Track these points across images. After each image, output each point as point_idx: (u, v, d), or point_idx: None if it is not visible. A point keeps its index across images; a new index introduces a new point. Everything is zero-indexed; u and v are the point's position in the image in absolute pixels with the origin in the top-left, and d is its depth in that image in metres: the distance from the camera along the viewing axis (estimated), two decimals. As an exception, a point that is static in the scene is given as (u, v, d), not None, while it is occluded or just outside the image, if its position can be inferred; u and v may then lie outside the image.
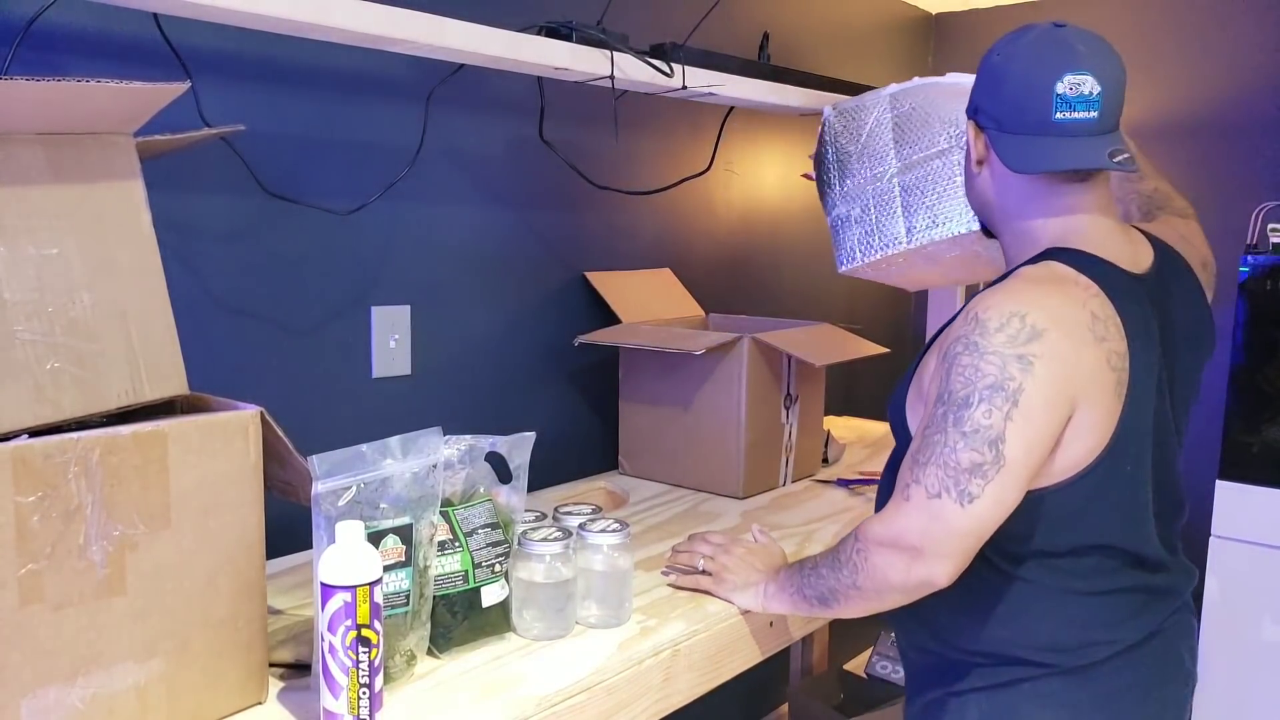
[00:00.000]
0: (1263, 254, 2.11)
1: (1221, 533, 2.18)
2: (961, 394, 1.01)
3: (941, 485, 1.00)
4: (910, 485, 1.03)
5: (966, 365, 1.02)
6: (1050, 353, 1.01)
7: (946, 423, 1.02)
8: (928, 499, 1.01)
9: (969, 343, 1.03)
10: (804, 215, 2.61)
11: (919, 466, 1.03)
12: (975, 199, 1.22)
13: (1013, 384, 1.00)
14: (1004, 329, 1.02)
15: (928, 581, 1.03)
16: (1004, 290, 1.06)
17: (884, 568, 1.05)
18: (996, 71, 1.14)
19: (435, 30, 1.36)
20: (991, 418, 1.00)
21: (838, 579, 1.11)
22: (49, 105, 0.85)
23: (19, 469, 0.80)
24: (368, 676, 0.92)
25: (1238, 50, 2.49)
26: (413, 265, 1.67)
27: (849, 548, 1.10)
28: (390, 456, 1.04)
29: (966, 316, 1.06)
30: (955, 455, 1.00)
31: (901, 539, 1.03)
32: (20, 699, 0.82)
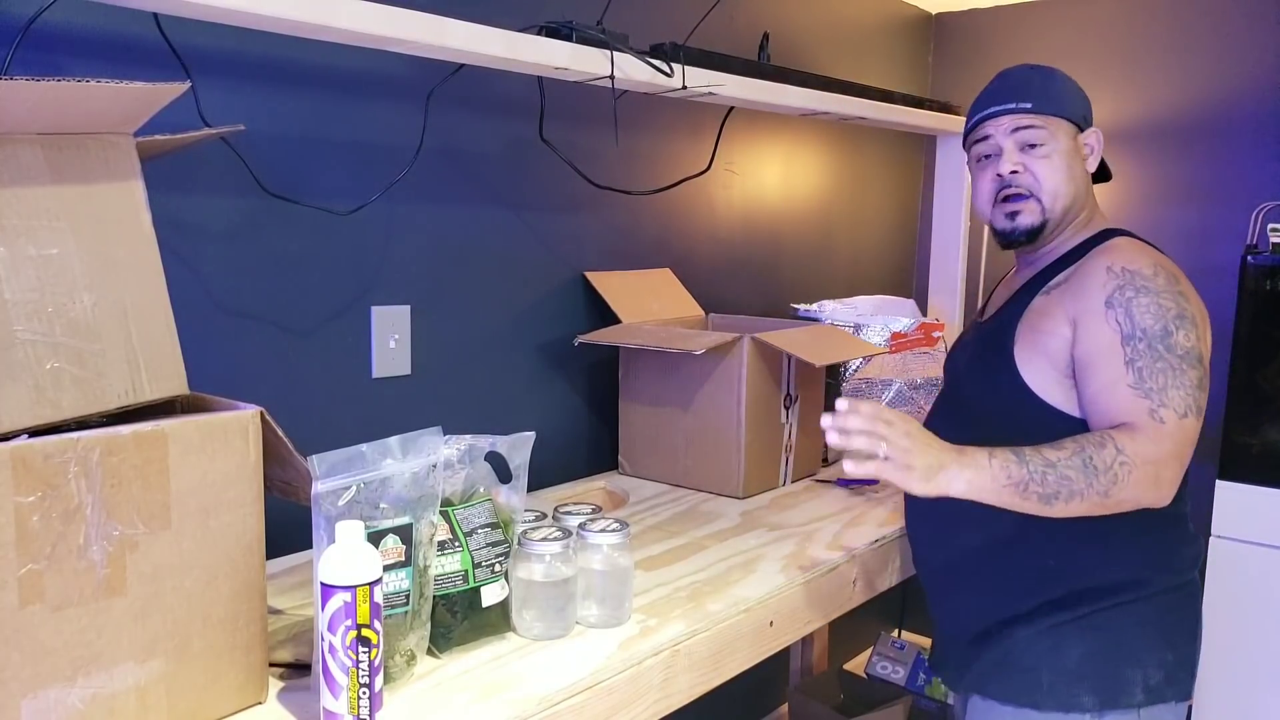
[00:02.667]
0: (1263, 254, 2.11)
1: (1221, 533, 2.18)
2: (1158, 326, 1.19)
3: (1186, 405, 1.17)
4: (1158, 409, 1.17)
5: (1148, 304, 1.21)
6: (1188, 292, 1.24)
7: (1159, 351, 1.19)
8: (1179, 420, 1.17)
9: (1138, 287, 1.22)
10: (804, 215, 2.61)
11: (1156, 392, 1.18)
12: (1079, 190, 1.37)
13: (1190, 312, 1.21)
14: (1158, 275, 1.23)
15: (1162, 500, 1.19)
16: (1128, 250, 1.28)
17: (1144, 483, 1.16)
18: (1084, 94, 1.39)
19: (435, 30, 1.36)
20: (1191, 340, 1.20)
21: (1089, 483, 1.15)
22: (49, 105, 0.85)
23: (19, 469, 0.80)
24: (368, 676, 0.92)
25: (1237, 50, 2.49)
26: (413, 265, 1.67)
27: (1109, 456, 1.15)
28: (390, 456, 1.04)
29: (1112, 271, 1.24)
30: (1185, 376, 1.18)
31: (1166, 459, 1.16)
32: (20, 699, 0.82)
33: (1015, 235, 1.38)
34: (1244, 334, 2.12)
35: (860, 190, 2.83)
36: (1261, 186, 2.47)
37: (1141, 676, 1.26)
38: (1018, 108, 1.34)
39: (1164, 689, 1.28)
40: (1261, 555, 2.14)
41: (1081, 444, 1.17)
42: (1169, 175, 2.62)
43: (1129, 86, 2.67)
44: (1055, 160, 1.34)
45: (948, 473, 1.15)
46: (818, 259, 2.68)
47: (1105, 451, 1.16)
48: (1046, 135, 1.34)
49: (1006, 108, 1.35)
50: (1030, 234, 1.37)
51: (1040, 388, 1.28)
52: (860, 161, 2.81)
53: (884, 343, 2.15)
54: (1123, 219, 2.69)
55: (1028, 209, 1.35)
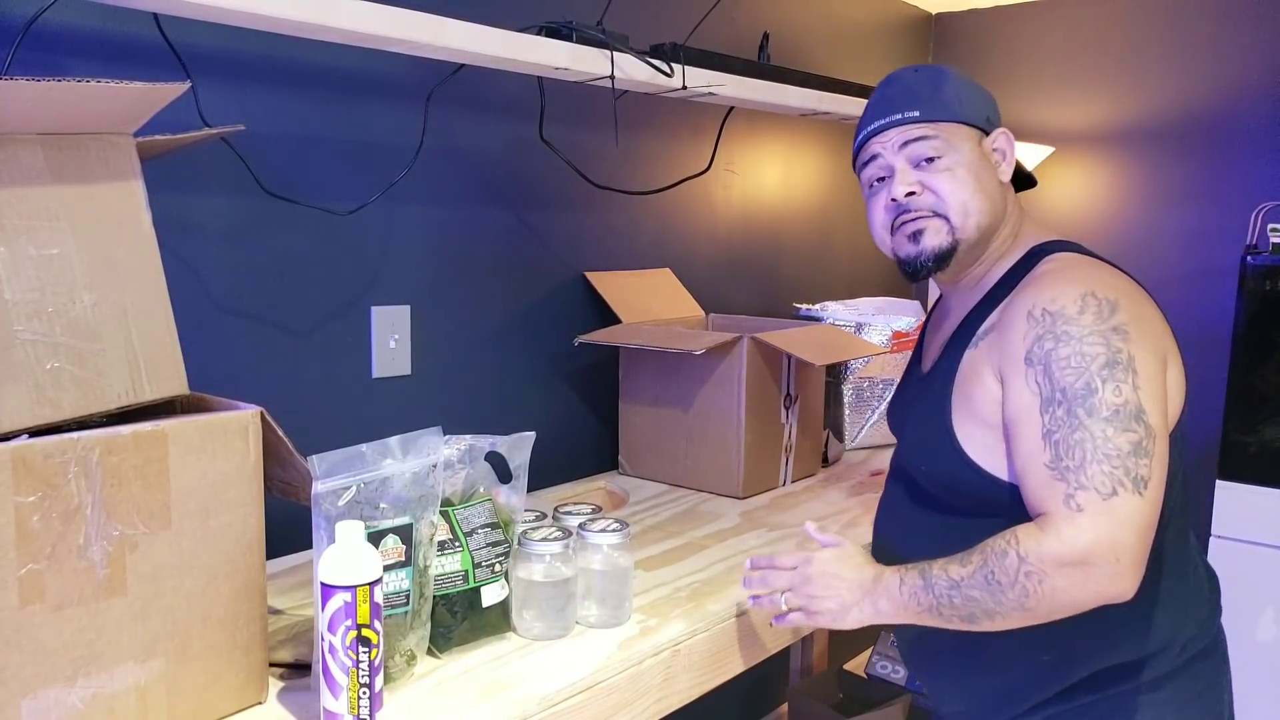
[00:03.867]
0: (1262, 254, 2.11)
1: (1221, 533, 2.18)
2: (1079, 384, 0.98)
3: (1114, 481, 0.95)
4: (1074, 494, 0.96)
5: (1068, 355, 1.00)
6: (1132, 317, 1.02)
7: (1078, 417, 0.98)
8: (1104, 501, 0.95)
9: (1057, 335, 1.01)
10: (804, 215, 2.61)
11: (1072, 472, 0.97)
12: (995, 204, 1.16)
13: (1123, 355, 0.99)
14: (1085, 310, 1.01)
15: (1118, 596, 0.96)
16: (1054, 279, 1.06)
17: (1067, 589, 0.96)
18: (986, 91, 1.19)
19: (435, 30, 1.36)
20: (1122, 394, 0.98)
21: (998, 601, 0.99)
22: (49, 105, 0.85)
23: (19, 469, 0.80)
24: (368, 676, 0.92)
25: (1237, 50, 2.49)
26: (413, 265, 1.67)
27: (1013, 568, 0.98)
28: (390, 456, 1.04)
29: (1032, 316, 1.04)
30: (1111, 444, 0.96)
31: (1091, 555, 0.94)
32: (20, 699, 0.82)
33: (922, 260, 1.15)
34: (1243, 334, 2.12)
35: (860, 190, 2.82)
36: (1261, 186, 2.47)
37: None
38: (905, 118, 1.14)
39: None
40: (1261, 555, 2.14)
41: (985, 555, 1.01)
42: (1169, 175, 2.62)
43: (1129, 86, 2.67)
44: (959, 173, 1.12)
45: (858, 609, 1.11)
46: (818, 259, 2.68)
47: (1007, 562, 0.98)
48: (943, 145, 1.13)
49: (892, 120, 1.15)
50: (939, 258, 1.14)
51: (985, 460, 1.08)
52: (860, 161, 2.80)
53: (885, 342, 2.15)
54: (1123, 219, 2.69)
55: (933, 227, 1.13)
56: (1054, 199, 2.80)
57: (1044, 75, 2.81)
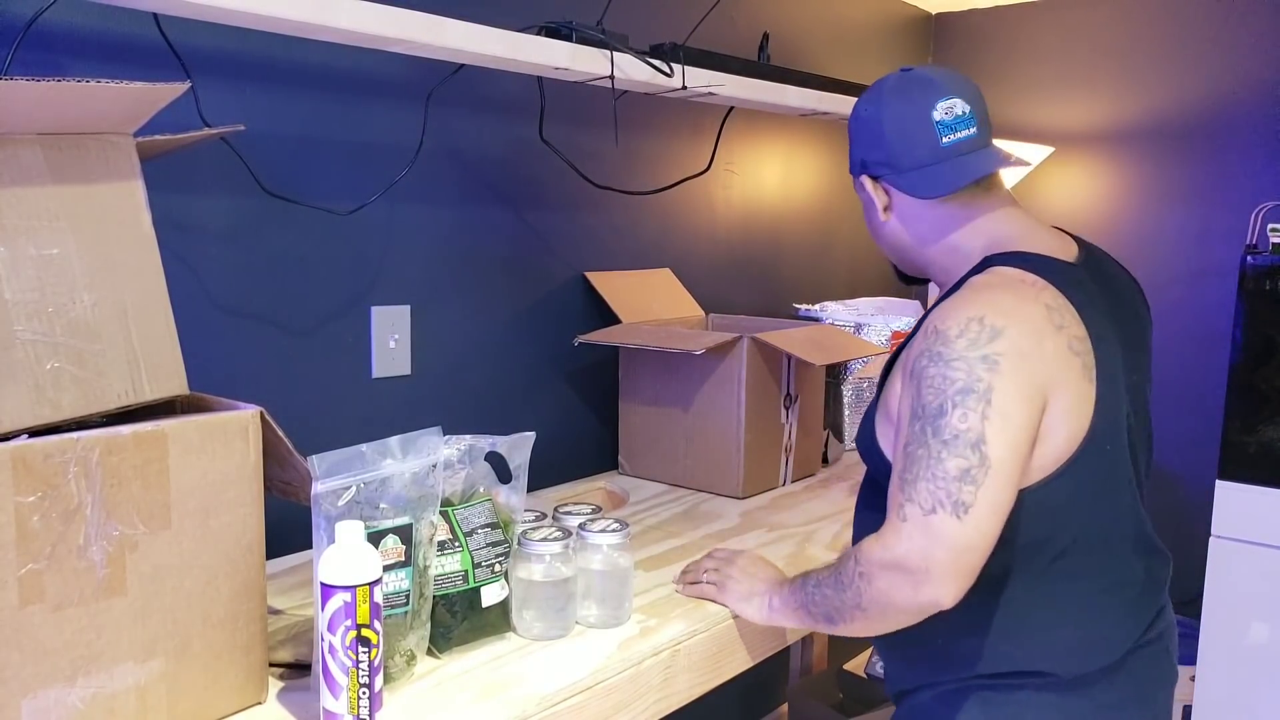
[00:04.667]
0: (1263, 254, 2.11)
1: (1221, 533, 2.18)
2: (935, 404, 1.02)
3: (935, 500, 0.99)
4: (904, 505, 1.02)
5: (934, 375, 1.03)
6: (1013, 349, 1.02)
7: (926, 435, 1.02)
8: (924, 516, 1.00)
9: (933, 354, 1.04)
10: (804, 215, 2.61)
11: (908, 485, 1.02)
12: (890, 246, 1.26)
13: (982, 384, 1.01)
14: (964, 334, 1.03)
15: (934, 603, 1.01)
16: (957, 299, 1.08)
17: (888, 591, 1.03)
18: (871, 123, 1.20)
19: (435, 30, 1.36)
20: (968, 420, 1.00)
21: (841, 599, 1.09)
22: (49, 105, 0.85)
23: (19, 469, 0.80)
24: (367, 676, 0.92)
25: (1237, 50, 2.49)
26: (413, 265, 1.67)
27: (850, 569, 1.07)
28: (390, 456, 1.04)
29: (925, 332, 1.07)
30: (941, 466, 1.00)
31: (904, 562, 1.01)
32: (20, 699, 0.82)
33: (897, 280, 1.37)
34: (1243, 334, 2.12)
35: (860, 190, 2.82)
36: (1261, 186, 2.46)
37: None
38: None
39: None
40: (1261, 555, 2.14)
41: (839, 559, 1.11)
42: (1169, 175, 2.62)
43: (1129, 87, 2.67)
44: (866, 218, 1.27)
45: (759, 600, 1.24)
46: (818, 259, 2.68)
47: (848, 564, 1.08)
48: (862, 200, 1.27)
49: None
50: (900, 276, 1.34)
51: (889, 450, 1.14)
52: (860, 161, 2.80)
53: (884, 342, 2.15)
54: (1123, 219, 2.69)
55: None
56: (1054, 199, 2.80)
57: (1044, 75, 2.81)
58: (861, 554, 1.05)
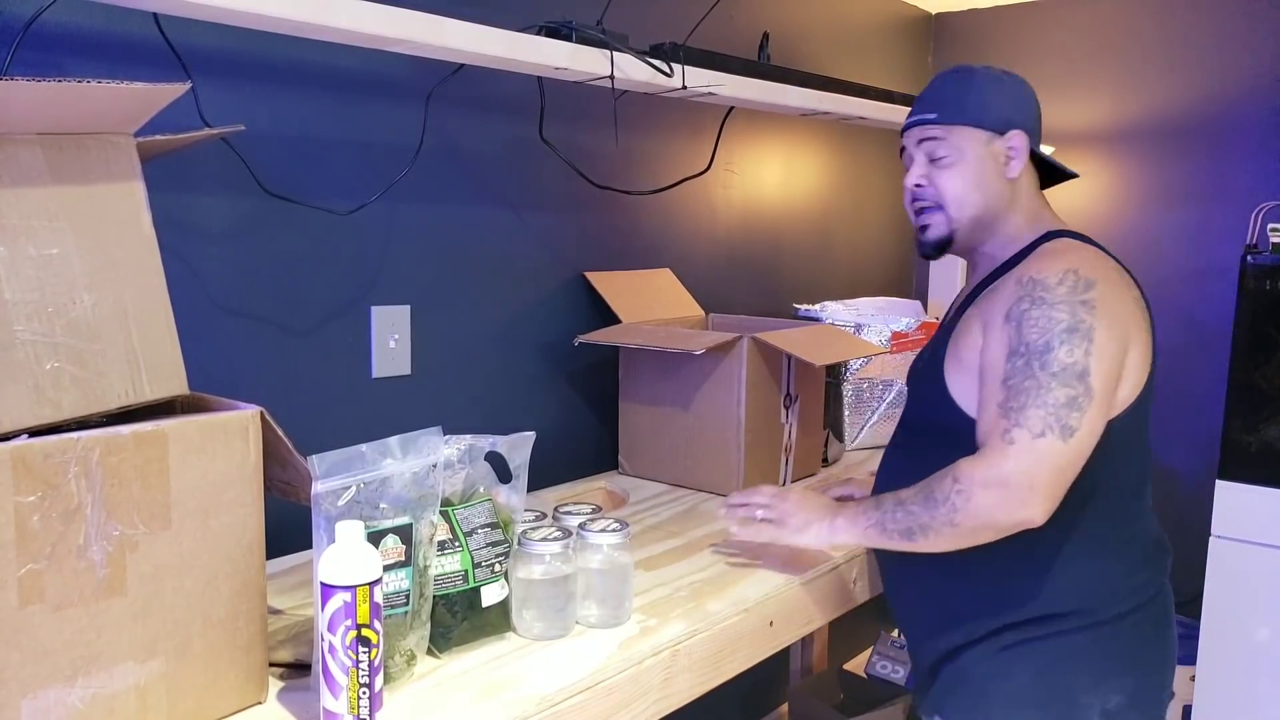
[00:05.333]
0: (1263, 254, 2.11)
1: (1221, 532, 2.18)
2: (1040, 341, 1.15)
3: (1044, 424, 1.13)
4: (1011, 429, 1.14)
5: (1038, 316, 1.17)
6: (1104, 297, 1.18)
7: (1032, 369, 1.15)
8: (1032, 439, 1.13)
9: (1035, 299, 1.18)
10: (804, 215, 2.61)
11: (1014, 412, 1.14)
12: (987, 207, 1.33)
13: (1085, 325, 1.15)
14: (1063, 282, 1.18)
15: (1028, 520, 1.14)
16: (1045, 257, 1.24)
17: (988, 507, 1.14)
18: (1017, 90, 1.34)
19: (435, 30, 1.36)
20: (1074, 355, 1.14)
21: (931, 515, 1.18)
22: (49, 105, 0.85)
23: (19, 469, 0.80)
24: (367, 676, 0.92)
25: (1237, 50, 2.49)
26: (413, 265, 1.67)
27: (946, 486, 1.17)
28: (390, 456, 1.04)
29: (1020, 282, 1.21)
30: (1051, 394, 1.13)
31: (1009, 480, 1.13)
32: (20, 699, 0.82)
33: (925, 248, 1.38)
34: (1244, 334, 2.12)
35: (860, 190, 2.83)
36: (1261, 186, 2.46)
37: (1099, 702, 1.22)
38: (922, 119, 1.33)
39: (1127, 713, 1.23)
40: (1261, 555, 2.14)
41: (930, 478, 1.20)
42: (1169, 175, 2.62)
43: (1129, 86, 2.67)
44: (959, 170, 1.31)
45: (818, 525, 1.32)
46: (818, 259, 2.68)
47: (944, 482, 1.18)
48: (949, 147, 1.31)
49: (916, 119, 1.35)
50: (938, 246, 1.36)
51: (963, 399, 1.26)
52: (860, 161, 2.81)
53: (884, 342, 2.15)
54: (1123, 219, 2.69)
55: (935, 221, 1.34)
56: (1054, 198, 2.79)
57: (1044, 75, 2.81)
58: (961, 472, 1.16)
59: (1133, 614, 1.24)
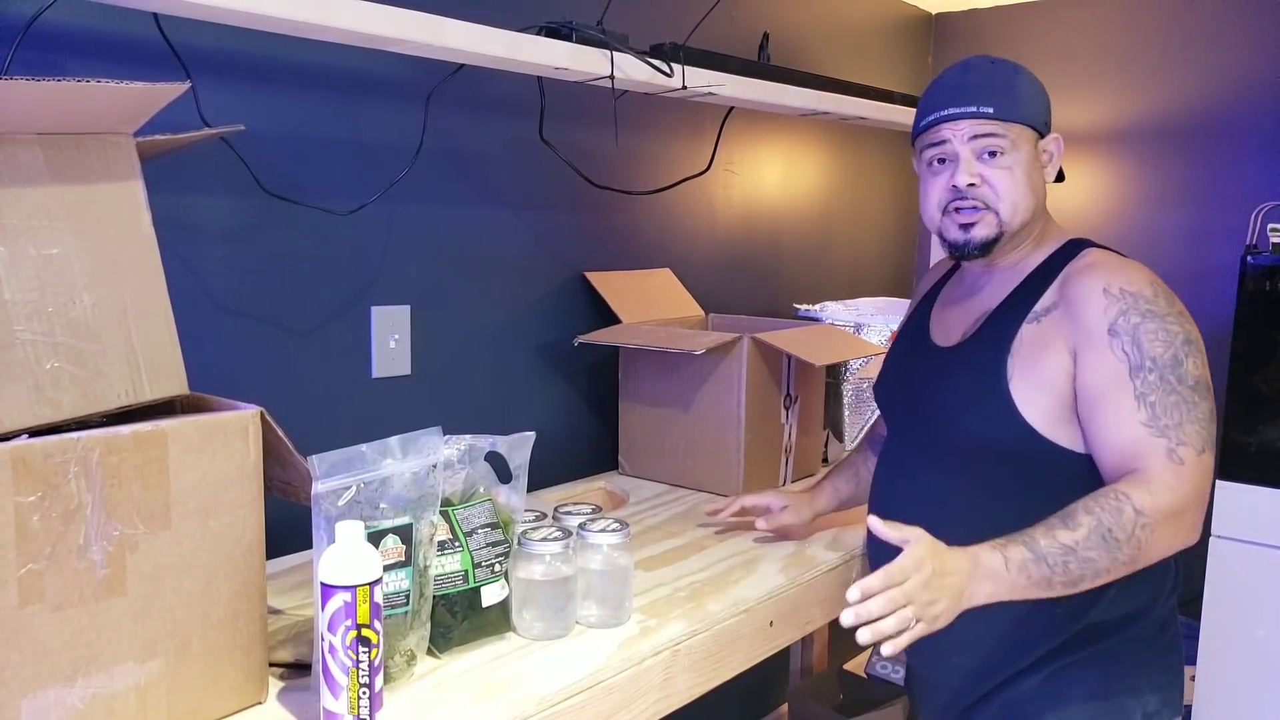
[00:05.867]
0: (1263, 254, 2.11)
1: (1221, 533, 2.18)
2: (1167, 355, 1.12)
3: (1203, 439, 1.10)
4: (1176, 448, 1.09)
5: (1155, 330, 1.14)
6: (1185, 310, 1.18)
7: (1170, 384, 1.11)
8: (1198, 456, 1.09)
9: (1142, 312, 1.15)
10: (804, 215, 2.61)
11: (1172, 429, 1.10)
12: (1038, 201, 1.28)
13: (1194, 336, 1.15)
14: (1159, 296, 1.17)
15: (1189, 543, 1.12)
16: (1121, 267, 1.21)
17: (1168, 538, 1.09)
18: (1046, 92, 1.29)
19: (435, 30, 1.36)
20: (1199, 368, 1.13)
21: (1114, 558, 1.08)
22: (49, 105, 0.85)
23: (19, 469, 0.80)
24: (368, 676, 0.92)
25: (1237, 50, 2.49)
26: (413, 265, 1.67)
27: (1130, 522, 1.06)
28: (390, 456, 1.04)
29: (1108, 295, 1.16)
30: (1199, 408, 1.11)
31: (1188, 504, 1.08)
32: (20, 699, 0.82)
33: (969, 248, 1.26)
34: (1243, 334, 2.12)
35: (860, 190, 2.82)
36: (1261, 186, 2.46)
37: (1140, 705, 1.21)
38: (979, 112, 1.22)
39: (1161, 712, 1.22)
40: (1261, 555, 2.14)
41: (1097, 515, 1.07)
42: (1169, 175, 2.62)
43: (1129, 87, 2.66)
44: (1016, 173, 1.23)
45: (968, 595, 1.08)
46: (818, 259, 2.68)
47: (1124, 518, 1.07)
48: (1008, 145, 1.23)
49: (967, 111, 1.23)
50: (984, 247, 1.26)
51: (1043, 425, 1.18)
52: (860, 161, 2.81)
53: (884, 342, 2.15)
54: (1123, 219, 2.69)
55: (984, 221, 1.24)
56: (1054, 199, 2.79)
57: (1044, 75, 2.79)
58: (1146, 504, 1.07)
59: (1171, 618, 1.25)
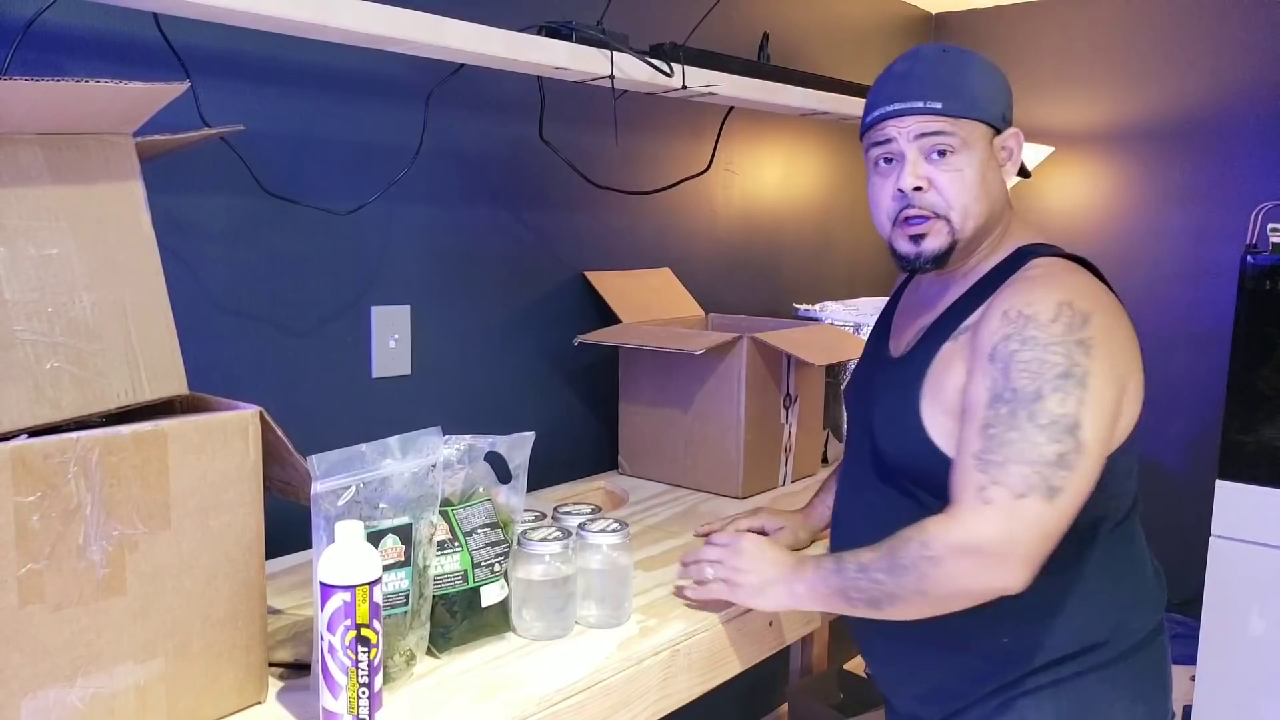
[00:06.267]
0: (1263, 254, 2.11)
1: (1221, 533, 2.18)
2: (1030, 388, 1.02)
3: (1026, 484, 0.99)
4: (988, 487, 1.01)
5: (1029, 360, 1.03)
6: (1102, 333, 1.04)
7: (1018, 419, 1.01)
8: (1014, 500, 0.99)
9: (1024, 338, 1.04)
10: (804, 215, 2.61)
11: (994, 467, 1.01)
12: (994, 204, 1.17)
13: (1079, 369, 1.02)
14: (1058, 319, 1.04)
15: (1005, 589, 1.01)
16: (1036, 285, 1.09)
17: (959, 575, 1.02)
18: (1004, 84, 1.18)
19: (435, 30, 1.36)
20: (1066, 405, 1.01)
21: (899, 584, 1.05)
22: (49, 105, 0.85)
23: (19, 469, 0.80)
24: (367, 676, 0.92)
25: (1237, 50, 2.49)
26: (413, 265, 1.67)
27: (913, 552, 1.04)
28: (389, 456, 1.04)
29: (1008, 316, 1.07)
30: (1038, 450, 1.00)
31: (985, 545, 1.00)
32: (20, 699, 0.82)
33: (920, 261, 1.16)
34: (1243, 334, 2.12)
35: (860, 190, 2.82)
36: (1261, 186, 2.46)
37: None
38: (926, 108, 1.12)
39: None
40: (1261, 555, 2.13)
41: (895, 539, 1.06)
42: (1169, 175, 2.62)
43: (1129, 87, 2.66)
44: (968, 174, 1.12)
45: (775, 589, 1.16)
46: (818, 259, 2.68)
47: (910, 546, 1.04)
48: (959, 143, 1.12)
49: (913, 107, 1.12)
50: (937, 259, 1.16)
51: (945, 443, 1.11)
52: (860, 161, 2.80)
53: (884, 343, 2.15)
54: (1123, 219, 2.69)
55: (934, 231, 1.14)
56: (1054, 199, 2.80)
57: (1044, 75, 2.81)
58: (930, 536, 1.03)
59: (1144, 642, 1.16)
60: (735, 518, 1.54)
